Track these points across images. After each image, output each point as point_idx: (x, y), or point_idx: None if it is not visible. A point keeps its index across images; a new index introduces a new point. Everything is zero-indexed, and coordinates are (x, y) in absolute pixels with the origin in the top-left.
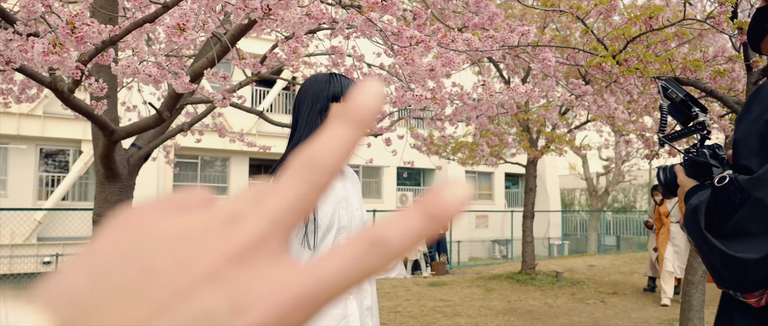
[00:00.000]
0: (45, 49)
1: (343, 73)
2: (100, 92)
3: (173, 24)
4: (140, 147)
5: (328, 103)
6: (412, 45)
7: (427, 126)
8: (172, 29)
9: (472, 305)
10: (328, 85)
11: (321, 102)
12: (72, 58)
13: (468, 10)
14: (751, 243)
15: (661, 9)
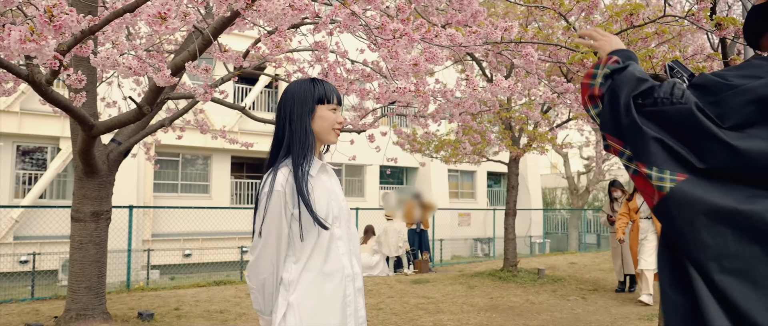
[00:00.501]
0: (22, 37)
1: (327, 68)
2: (78, 84)
3: (154, 12)
4: (120, 142)
5: (314, 105)
6: (396, 37)
7: (410, 123)
8: (153, 18)
9: (455, 302)
10: (314, 88)
11: (309, 104)
12: (50, 46)
13: (451, 7)
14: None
15: (642, 6)
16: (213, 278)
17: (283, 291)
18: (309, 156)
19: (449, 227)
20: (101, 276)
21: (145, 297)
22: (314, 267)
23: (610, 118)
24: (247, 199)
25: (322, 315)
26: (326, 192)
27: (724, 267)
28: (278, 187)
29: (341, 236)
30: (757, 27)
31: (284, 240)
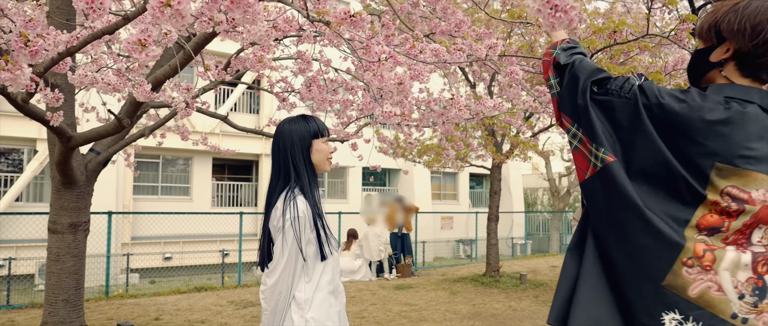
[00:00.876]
0: None
1: (311, 78)
2: (56, 103)
3: (134, 40)
4: (99, 152)
5: (311, 141)
6: (381, 61)
7: (392, 128)
8: (132, 45)
9: (438, 309)
10: (308, 125)
11: (307, 140)
12: (25, 75)
13: (435, 15)
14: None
15: (625, 23)
16: (194, 282)
17: (297, 309)
18: (317, 186)
19: (432, 229)
20: (79, 288)
21: (124, 306)
22: (324, 285)
23: (568, 99)
24: (229, 201)
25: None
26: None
27: (618, 247)
28: (302, 214)
29: (335, 257)
30: (698, 69)
31: (300, 262)
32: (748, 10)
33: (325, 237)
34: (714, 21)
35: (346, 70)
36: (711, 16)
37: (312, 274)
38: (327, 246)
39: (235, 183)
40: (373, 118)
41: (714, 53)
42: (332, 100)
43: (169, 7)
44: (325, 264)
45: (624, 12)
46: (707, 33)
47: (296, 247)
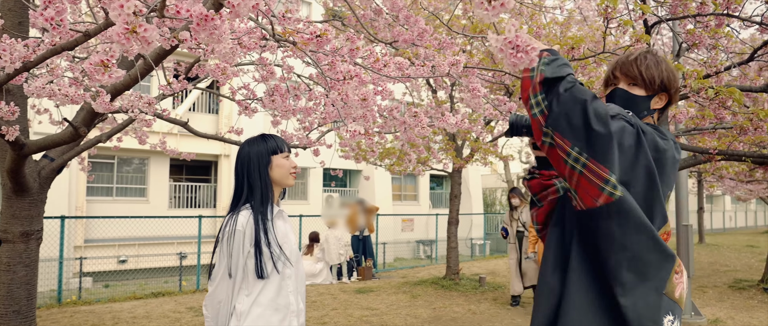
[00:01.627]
0: None
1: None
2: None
3: (97, 60)
4: (53, 159)
5: (270, 158)
6: (346, 79)
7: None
8: (95, 66)
9: (399, 313)
10: (266, 143)
11: (265, 158)
12: None
13: (398, 23)
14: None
15: (582, 40)
16: (150, 287)
17: (235, 320)
18: (269, 203)
19: (392, 231)
20: (31, 298)
21: (78, 314)
22: (264, 301)
23: (567, 119)
24: (187, 203)
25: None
26: (281, 236)
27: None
28: (239, 228)
29: (291, 275)
30: (633, 109)
31: (240, 275)
32: (672, 68)
33: (270, 255)
34: (660, 75)
35: (308, 76)
36: (656, 69)
37: (252, 289)
38: (270, 263)
39: (194, 184)
40: (336, 124)
41: (654, 100)
42: (295, 108)
43: (134, 34)
44: (268, 282)
45: (581, 20)
46: (653, 83)
47: (233, 259)
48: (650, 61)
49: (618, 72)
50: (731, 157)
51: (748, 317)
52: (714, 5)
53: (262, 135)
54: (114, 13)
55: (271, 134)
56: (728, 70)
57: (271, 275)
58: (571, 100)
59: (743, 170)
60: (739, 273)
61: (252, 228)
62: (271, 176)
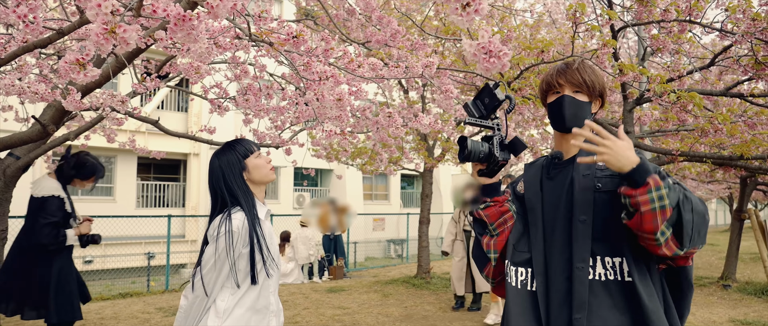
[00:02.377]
0: None
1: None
2: None
3: (72, 59)
4: (18, 157)
5: (244, 163)
6: (322, 80)
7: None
8: (70, 65)
9: (370, 312)
10: (235, 150)
11: (237, 165)
12: None
13: (371, 23)
14: None
15: (551, 44)
16: (117, 287)
17: (214, 316)
18: (255, 204)
19: (363, 230)
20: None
21: None
22: (248, 301)
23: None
24: (155, 202)
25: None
26: (268, 237)
27: None
28: (235, 229)
29: (273, 276)
30: (585, 116)
31: (225, 272)
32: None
33: (262, 259)
34: (600, 84)
35: (281, 75)
36: (594, 78)
37: (238, 288)
38: (262, 267)
39: (162, 183)
40: (308, 124)
41: (593, 106)
42: (268, 107)
43: (113, 34)
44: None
45: (550, 23)
46: (596, 91)
47: (223, 256)
48: (589, 68)
49: (562, 80)
50: (693, 158)
51: (708, 313)
52: (677, 12)
53: (228, 143)
54: (92, 13)
55: (237, 139)
56: (690, 74)
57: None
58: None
59: (705, 170)
60: (700, 271)
61: (247, 232)
62: (252, 178)
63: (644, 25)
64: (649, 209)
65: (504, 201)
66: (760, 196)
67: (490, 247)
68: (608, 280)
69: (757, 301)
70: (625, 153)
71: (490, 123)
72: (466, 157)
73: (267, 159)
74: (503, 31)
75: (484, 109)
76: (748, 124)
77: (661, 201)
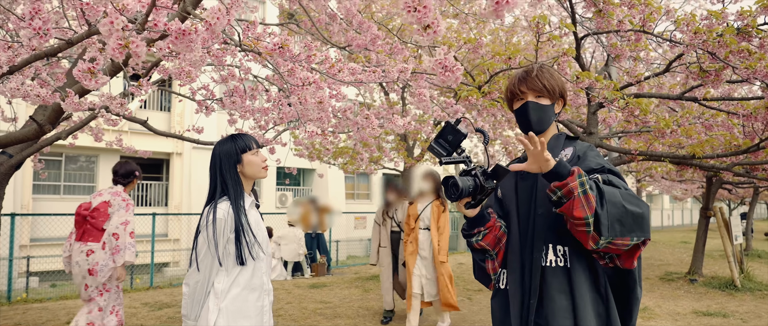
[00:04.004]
0: None
1: (232, 89)
2: None
3: (85, 68)
4: (11, 155)
5: (241, 156)
6: (305, 85)
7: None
8: (83, 73)
9: (351, 306)
10: (235, 143)
11: (234, 157)
12: None
13: (351, 28)
14: None
15: (518, 51)
16: None
17: (214, 297)
18: (242, 195)
19: (345, 229)
20: None
21: (30, 311)
22: (242, 281)
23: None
24: (138, 201)
25: (244, 320)
26: (255, 224)
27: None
28: (220, 216)
29: (263, 258)
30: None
31: (218, 258)
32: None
33: (246, 243)
34: (560, 86)
35: (264, 77)
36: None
37: (231, 270)
38: (247, 250)
39: (145, 182)
40: (291, 124)
41: (556, 106)
42: (253, 108)
43: (126, 49)
44: (245, 265)
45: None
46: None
47: (213, 244)
48: (547, 73)
49: (524, 88)
50: (651, 157)
51: (673, 305)
52: (631, 23)
53: (231, 135)
54: (105, 29)
55: (240, 133)
56: (647, 80)
57: (248, 260)
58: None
59: (672, 170)
60: (671, 267)
61: (232, 218)
62: (244, 172)
63: (606, 34)
64: (578, 193)
65: (495, 222)
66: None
67: (497, 269)
68: (557, 266)
69: (721, 294)
70: (541, 158)
71: (461, 158)
72: (460, 196)
73: (262, 157)
74: (474, 39)
75: (449, 146)
76: (705, 126)
77: (582, 187)
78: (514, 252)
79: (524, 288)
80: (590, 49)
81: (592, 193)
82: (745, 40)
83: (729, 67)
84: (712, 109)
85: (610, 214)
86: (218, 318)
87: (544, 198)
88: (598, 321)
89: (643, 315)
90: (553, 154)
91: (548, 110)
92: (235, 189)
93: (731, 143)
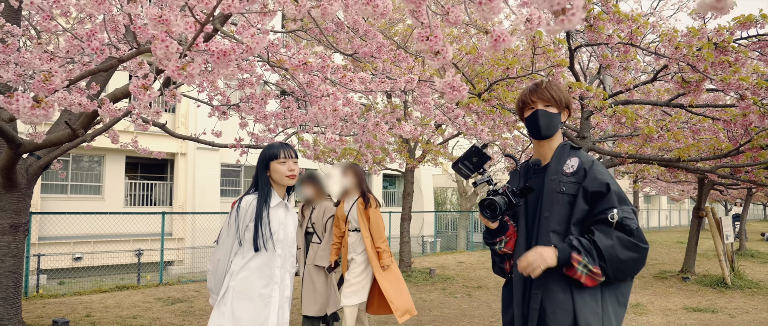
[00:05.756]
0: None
1: (248, 95)
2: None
3: (139, 84)
4: (40, 157)
5: (269, 163)
6: (324, 96)
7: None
8: (138, 89)
9: None
10: (269, 150)
11: (264, 162)
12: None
13: (358, 35)
14: None
15: (516, 61)
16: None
17: (228, 276)
18: (269, 194)
19: None
20: (17, 286)
21: (49, 305)
22: (252, 266)
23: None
24: (143, 200)
25: (246, 301)
26: (277, 221)
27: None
28: (243, 205)
29: (281, 254)
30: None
31: (236, 241)
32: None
33: (262, 234)
34: (566, 97)
35: (275, 82)
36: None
37: (246, 255)
38: (261, 239)
39: (149, 182)
40: (302, 127)
41: (562, 115)
42: (267, 113)
43: (183, 71)
44: (260, 254)
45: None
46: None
47: (234, 226)
48: (555, 86)
49: (534, 97)
50: (641, 160)
51: (665, 301)
52: (619, 37)
53: (271, 144)
54: (161, 53)
55: (279, 142)
56: (636, 88)
57: (261, 249)
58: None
59: (664, 171)
60: (666, 266)
61: (254, 208)
62: (272, 177)
63: (598, 45)
64: (584, 277)
65: (513, 230)
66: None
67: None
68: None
69: (712, 292)
70: (545, 261)
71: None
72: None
73: (289, 167)
74: (474, 49)
75: (473, 166)
76: (693, 130)
77: (586, 268)
78: (520, 247)
79: (526, 280)
80: (585, 56)
81: (595, 268)
82: (722, 54)
83: (707, 78)
84: (698, 115)
85: (613, 271)
86: (226, 293)
87: (549, 203)
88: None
89: (635, 311)
90: (558, 163)
91: (555, 118)
92: (264, 189)
93: (716, 147)
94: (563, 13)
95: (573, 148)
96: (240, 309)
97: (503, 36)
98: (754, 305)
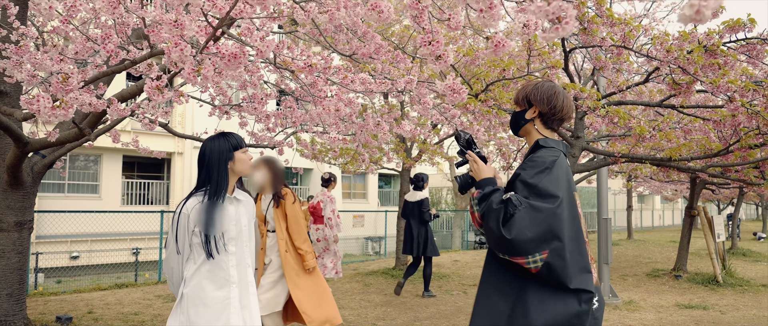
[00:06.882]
0: (52, 105)
1: (252, 95)
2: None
3: (154, 85)
4: (45, 156)
5: (232, 154)
6: (328, 97)
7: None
8: (152, 90)
9: (353, 298)
10: (228, 141)
11: (225, 154)
12: (74, 111)
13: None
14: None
15: (512, 63)
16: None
17: (182, 284)
18: (223, 190)
19: (344, 227)
20: (22, 283)
21: (50, 302)
22: (203, 270)
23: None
24: (139, 199)
25: (202, 306)
26: (228, 219)
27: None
28: (185, 211)
29: (235, 252)
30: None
31: (186, 249)
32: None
33: (214, 238)
34: (524, 94)
35: (274, 82)
36: (523, 91)
37: (197, 259)
38: (213, 244)
39: (146, 181)
40: (302, 127)
41: (527, 113)
42: (269, 113)
43: (198, 74)
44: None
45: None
46: (522, 101)
47: (178, 235)
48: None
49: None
50: (633, 159)
51: (658, 299)
52: (612, 40)
53: (222, 133)
54: (176, 56)
55: (230, 132)
56: (629, 89)
57: (213, 253)
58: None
59: (657, 171)
60: (658, 264)
61: (197, 213)
62: (234, 169)
63: (592, 47)
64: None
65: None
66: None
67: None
68: None
69: (703, 289)
70: (479, 168)
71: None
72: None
73: (249, 156)
74: (471, 51)
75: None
76: (685, 130)
77: (474, 207)
78: None
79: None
80: (580, 57)
81: (476, 212)
82: (712, 56)
83: (697, 80)
84: (689, 116)
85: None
86: (182, 300)
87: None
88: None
89: (629, 308)
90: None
91: (519, 116)
92: (218, 184)
93: (706, 147)
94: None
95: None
96: (196, 316)
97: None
98: (745, 302)
